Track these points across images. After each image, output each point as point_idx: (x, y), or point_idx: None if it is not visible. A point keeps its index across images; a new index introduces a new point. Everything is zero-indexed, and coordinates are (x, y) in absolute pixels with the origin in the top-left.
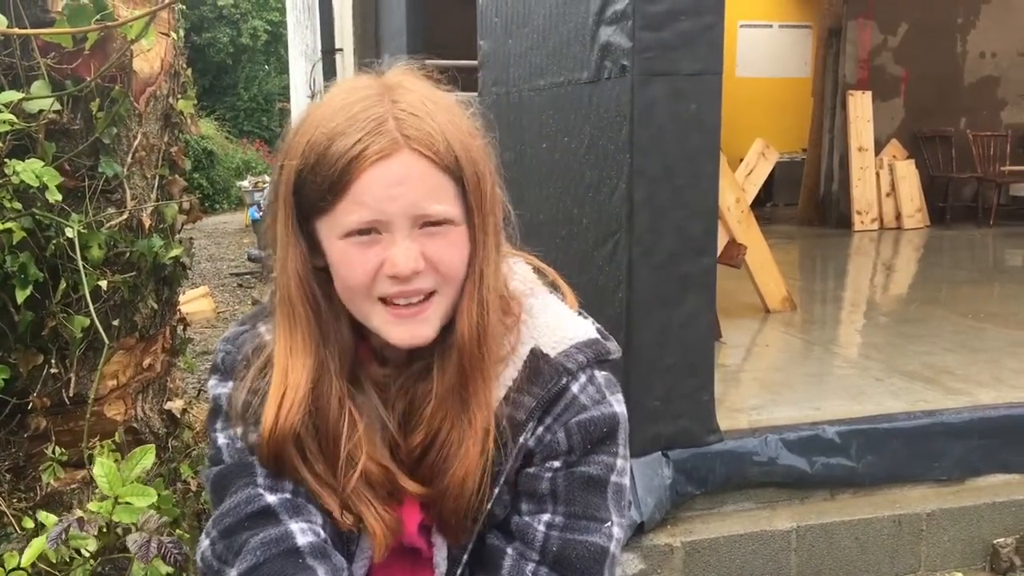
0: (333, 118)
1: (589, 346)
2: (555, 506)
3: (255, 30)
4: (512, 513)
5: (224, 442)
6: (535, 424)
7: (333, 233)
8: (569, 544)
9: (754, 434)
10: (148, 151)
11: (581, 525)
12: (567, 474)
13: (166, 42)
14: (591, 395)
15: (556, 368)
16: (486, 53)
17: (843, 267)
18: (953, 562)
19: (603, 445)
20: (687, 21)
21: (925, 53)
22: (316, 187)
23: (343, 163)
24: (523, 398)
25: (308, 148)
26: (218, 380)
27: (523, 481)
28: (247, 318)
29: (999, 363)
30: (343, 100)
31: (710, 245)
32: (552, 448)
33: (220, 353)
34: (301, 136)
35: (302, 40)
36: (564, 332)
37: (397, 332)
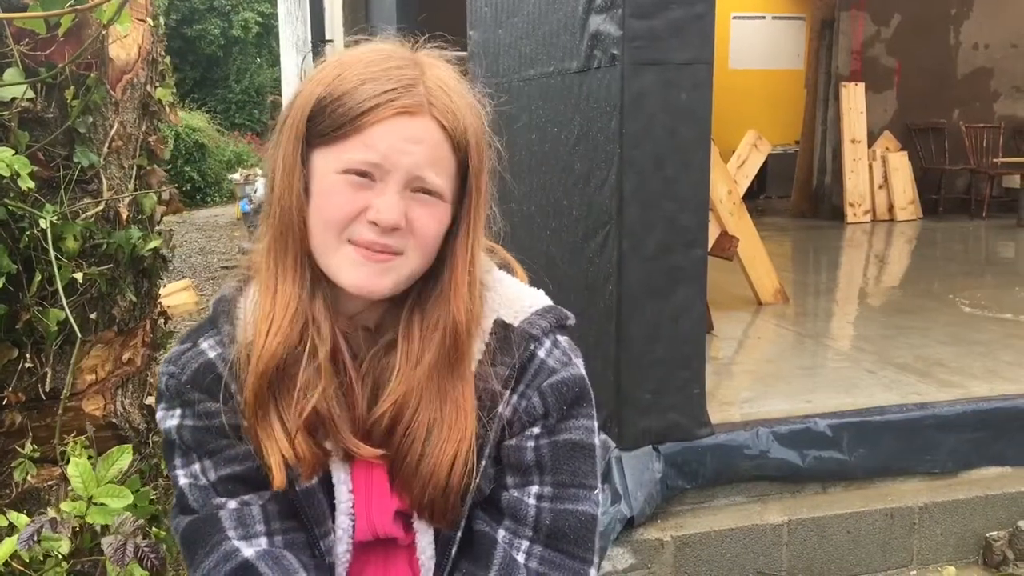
0: (368, 66)
1: (549, 312)
2: (542, 476)
3: (246, 22)
4: (499, 489)
5: (186, 482)
6: (510, 393)
7: (331, 165)
8: (561, 515)
9: (745, 427)
10: (125, 140)
11: (571, 494)
12: (551, 443)
13: (143, 28)
14: (558, 358)
15: (522, 335)
16: (476, 43)
17: (836, 259)
18: (946, 555)
19: (578, 407)
20: (678, 9)
21: (918, 45)
22: (334, 117)
23: (369, 104)
24: (495, 369)
25: (336, 81)
26: (165, 409)
27: (507, 454)
28: (187, 336)
29: (992, 355)
30: (379, 55)
31: (701, 237)
32: (529, 414)
33: (163, 377)
34: (330, 69)
35: (293, 32)
36: (523, 302)
37: (355, 274)
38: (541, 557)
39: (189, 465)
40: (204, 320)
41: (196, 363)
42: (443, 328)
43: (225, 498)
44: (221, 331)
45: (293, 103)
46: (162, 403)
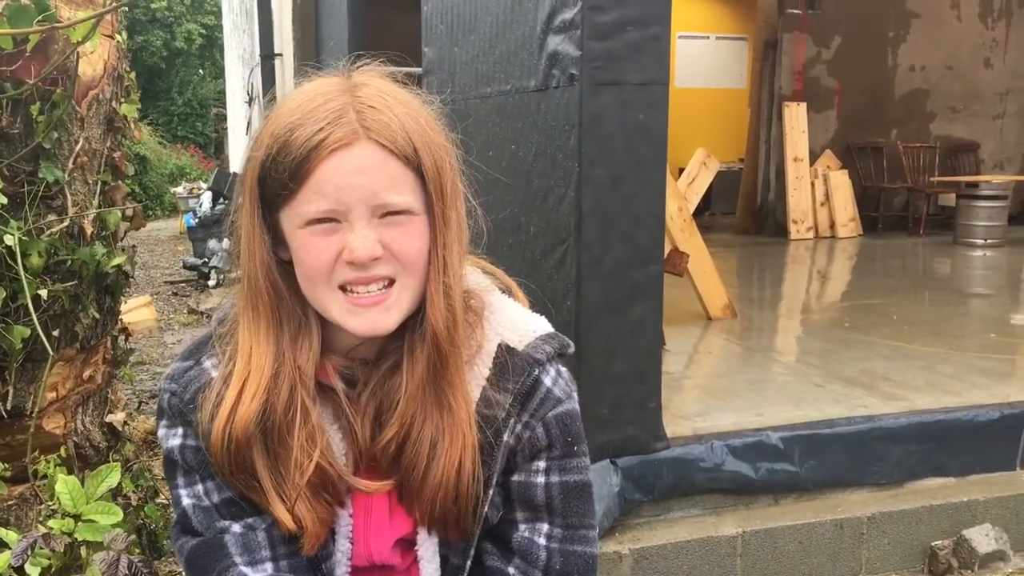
0: (295, 112)
1: (552, 338)
2: (552, 517)
3: (189, 34)
4: (507, 524)
5: (189, 503)
6: (514, 422)
7: (294, 223)
8: (570, 557)
9: (700, 441)
10: (90, 156)
11: (579, 535)
12: (562, 483)
13: (109, 44)
14: (562, 388)
15: (526, 360)
16: (431, 60)
17: (780, 275)
18: (893, 565)
19: (580, 443)
20: (634, 32)
21: (858, 66)
22: (278, 177)
23: (303, 152)
24: (499, 396)
25: (271, 139)
26: (167, 427)
27: (516, 490)
28: (190, 352)
29: (933, 369)
30: (306, 96)
31: (657, 254)
32: (533, 444)
33: (166, 394)
34: (266, 129)
35: (239, 44)
36: (527, 326)
37: (357, 321)
38: None
39: (192, 485)
40: (203, 337)
41: (198, 383)
42: (426, 339)
43: (229, 521)
44: (225, 352)
45: (244, 172)
46: (164, 420)
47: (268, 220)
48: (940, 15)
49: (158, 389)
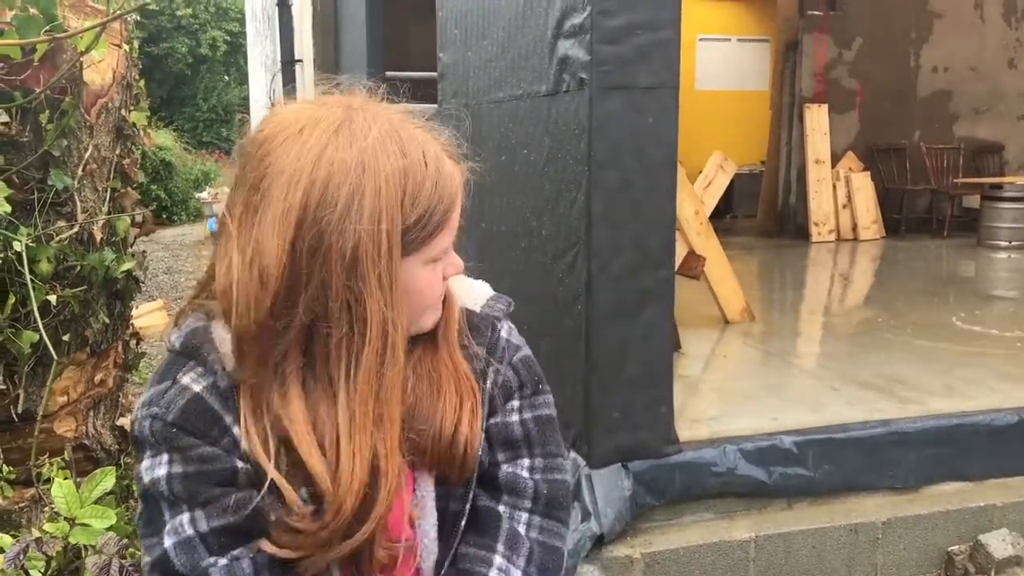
0: (421, 160)
1: (499, 298)
2: (532, 449)
3: (214, 40)
4: (491, 467)
5: (171, 542)
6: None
7: (419, 262)
8: (553, 485)
9: (713, 445)
10: (99, 163)
11: (556, 464)
12: (535, 417)
13: (118, 53)
14: (517, 337)
15: (485, 319)
16: (446, 65)
17: (801, 278)
18: (908, 570)
19: (544, 382)
20: (644, 35)
21: (879, 67)
22: (425, 232)
23: (454, 194)
24: (471, 350)
25: (409, 199)
26: (151, 458)
27: (495, 431)
28: (160, 376)
29: (951, 372)
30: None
31: (668, 257)
32: (507, 387)
33: (145, 422)
34: (395, 195)
35: (262, 51)
36: (476, 291)
37: (436, 317)
38: (541, 527)
39: (178, 516)
40: (171, 358)
41: (183, 399)
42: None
43: (215, 557)
44: (206, 360)
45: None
46: (146, 452)
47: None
48: (963, 15)
49: (134, 420)
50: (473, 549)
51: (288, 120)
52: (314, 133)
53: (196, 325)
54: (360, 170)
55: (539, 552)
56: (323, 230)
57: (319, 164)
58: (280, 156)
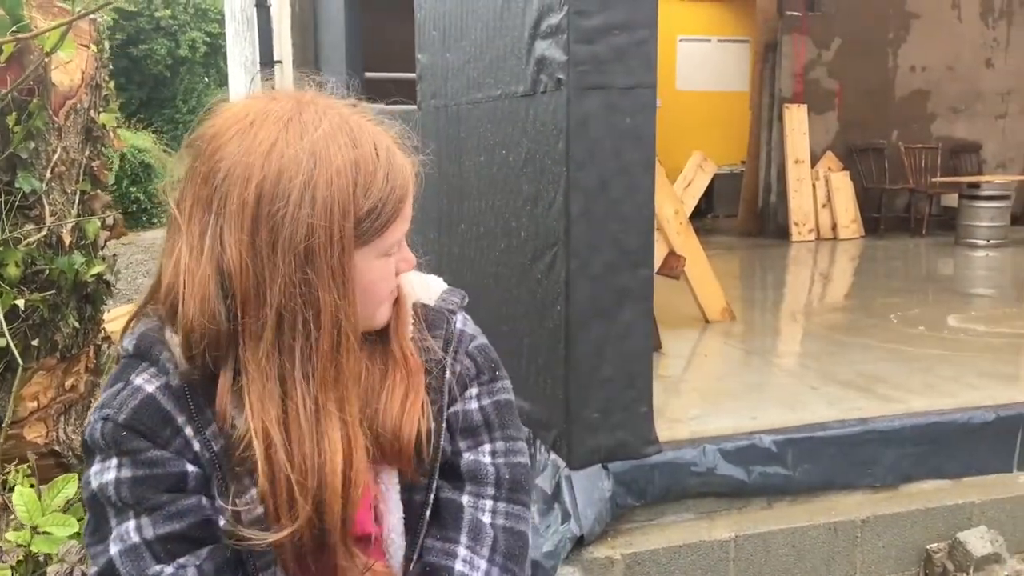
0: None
1: (453, 291)
2: (492, 433)
3: (193, 42)
4: (454, 455)
5: (116, 550)
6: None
7: (373, 255)
8: (515, 468)
9: (692, 444)
10: (68, 166)
11: (517, 447)
12: (493, 402)
13: (87, 54)
14: (472, 327)
15: (440, 312)
16: (424, 66)
17: (781, 277)
18: (888, 568)
19: (500, 368)
20: (621, 36)
21: (858, 67)
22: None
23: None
24: (428, 343)
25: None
26: (101, 461)
27: (455, 420)
28: (115, 378)
29: (931, 371)
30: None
31: (647, 257)
32: (465, 376)
33: (96, 425)
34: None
35: (241, 52)
36: (430, 286)
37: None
38: (506, 512)
39: (124, 523)
40: (125, 361)
41: (135, 400)
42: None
43: (161, 565)
44: (158, 360)
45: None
46: (96, 457)
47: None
48: (940, 15)
49: (87, 426)
50: (438, 542)
51: (238, 114)
52: (264, 126)
53: (148, 326)
54: (312, 162)
55: (504, 539)
56: (278, 223)
57: (270, 157)
58: (231, 151)
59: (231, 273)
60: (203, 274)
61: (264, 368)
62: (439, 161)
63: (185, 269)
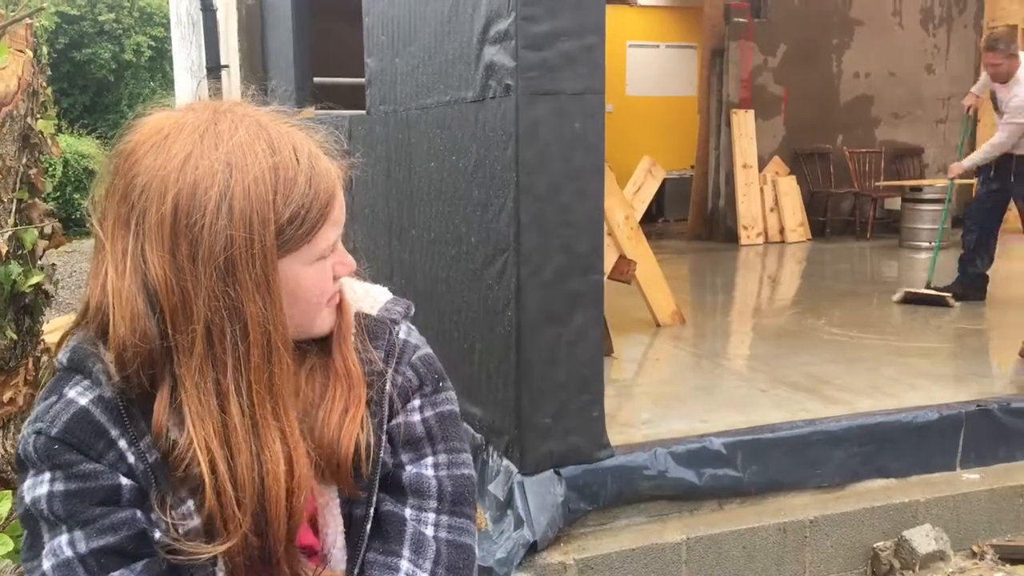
0: (294, 161)
1: (397, 302)
2: (435, 446)
3: (138, 46)
4: (396, 468)
5: (50, 564)
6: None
7: (304, 261)
8: (458, 481)
9: (644, 448)
10: (4, 174)
11: (461, 459)
12: (436, 414)
13: (23, 60)
14: (416, 337)
15: (383, 322)
16: (373, 71)
17: (730, 280)
18: (836, 567)
19: (445, 380)
20: (569, 42)
21: (803, 73)
22: (303, 230)
23: (331, 189)
24: (369, 354)
25: (279, 195)
26: (34, 476)
27: (397, 432)
28: (48, 391)
29: (876, 372)
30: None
31: (597, 262)
32: (406, 387)
33: (29, 439)
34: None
35: (187, 56)
36: (373, 295)
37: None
38: (449, 526)
39: (56, 537)
40: (59, 375)
41: (67, 414)
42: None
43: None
44: (92, 373)
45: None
46: (29, 471)
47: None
48: (883, 22)
49: (21, 439)
50: (380, 556)
51: (153, 128)
52: (179, 139)
53: (82, 339)
54: (227, 172)
55: (447, 552)
56: (196, 236)
57: (185, 170)
58: (147, 165)
59: (156, 290)
60: (129, 292)
61: (199, 383)
62: (389, 166)
63: (112, 290)
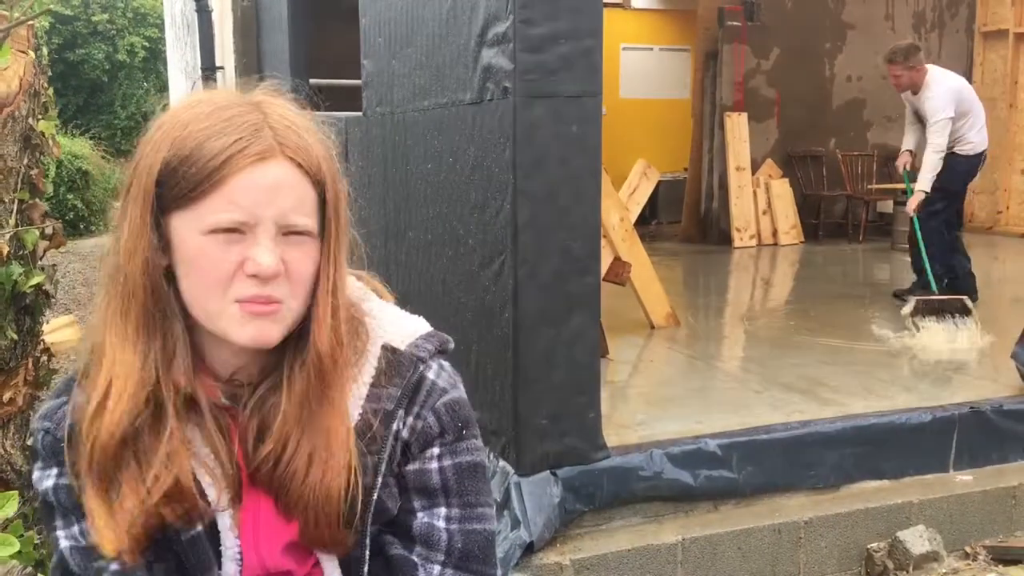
0: (207, 119)
1: (432, 336)
2: (449, 498)
3: (132, 46)
4: (406, 514)
5: (67, 545)
6: (404, 414)
7: (194, 227)
8: (469, 536)
9: (640, 449)
10: (5, 174)
11: (477, 514)
12: (455, 465)
13: (25, 60)
14: (447, 379)
15: (410, 358)
16: (370, 73)
17: (724, 283)
18: (830, 568)
19: (471, 427)
20: (566, 44)
21: (796, 77)
22: (187, 179)
23: (221, 159)
24: (386, 391)
25: (179, 141)
26: (42, 469)
27: (412, 478)
28: (61, 389)
29: (869, 374)
30: (215, 105)
31: (594, 264)
32: (426, 434)
33: (39, 433)
34: (169, 131)
35: (182, 57)
36: (406, 327)
37: (246, 331)
38: None
39: (69, 527)
40: (73, 372)
41: (73, 417)
42: (308, 360)
43: (107, 562)
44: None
45: (136, 170)
46: (38, 462)
47: (157, 221)
48: (875, 26)
49: (32, 430)
50: None
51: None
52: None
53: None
54: (165, 118)
55: None
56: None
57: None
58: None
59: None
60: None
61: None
62: (385, 168)
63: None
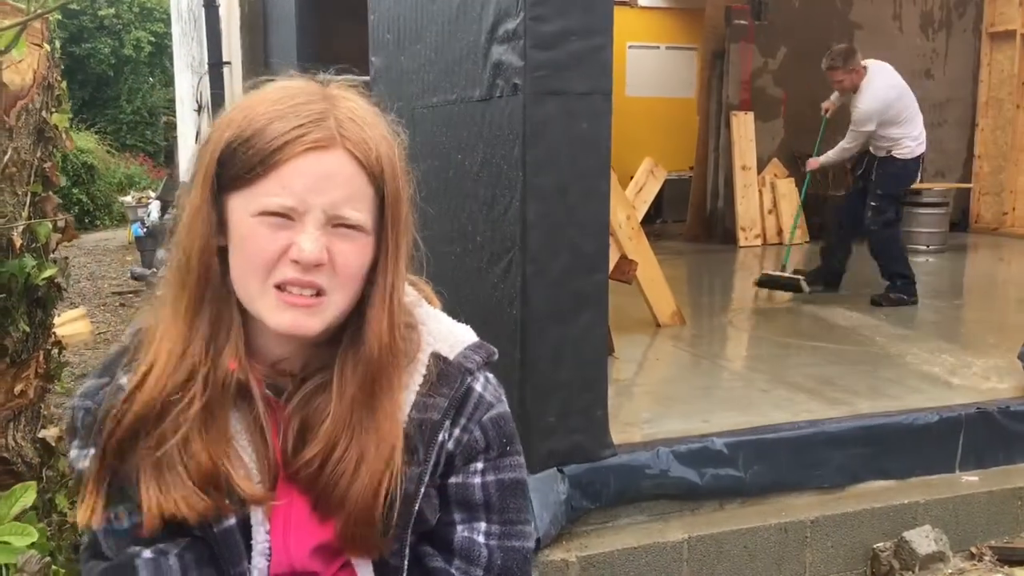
0: (275, 103)
1: (480, 347)
2: (490, 515)
3: (138, 41)
4: (446, 527)
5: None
6: (451, 425)
7: (247, 209)
8: (509, 553)
9: (646, 447)
10: (19, 167)
11: (517, 531)
12: (497, 481)
13: (39, 53)
14: (492, 393)
15: (458, 369)
16: (378, 69)
17: (729, 282)
18: (836, 567)
19: (514, 443)
20: (577, 41)
21: (803, 76)
22: (245, 160)
23: (279, 142)
24: (433, 400)
25: (244, 121)
26: (80, 447)
27: (454, 491)
28: (104, 368)
29: (875, 374)
30: (286, 92)
31: (602, 262)
32: (471, 447)
33: (79, 411)
34: (237, 112)
35: (188, 52)
36: (456, 336)
37: (282, 318)
38: None
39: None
40: (119, 351)
41: (115, 399)
42: (361, 360)
43: (140, 547)
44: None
45: (203, 149)
46: (76, 440)
47: (217, 201)
48: (882, 26)
49: (70, 407)
50: None
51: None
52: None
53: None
54: (247, 95)
55: None
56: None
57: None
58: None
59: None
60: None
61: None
62: None
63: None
